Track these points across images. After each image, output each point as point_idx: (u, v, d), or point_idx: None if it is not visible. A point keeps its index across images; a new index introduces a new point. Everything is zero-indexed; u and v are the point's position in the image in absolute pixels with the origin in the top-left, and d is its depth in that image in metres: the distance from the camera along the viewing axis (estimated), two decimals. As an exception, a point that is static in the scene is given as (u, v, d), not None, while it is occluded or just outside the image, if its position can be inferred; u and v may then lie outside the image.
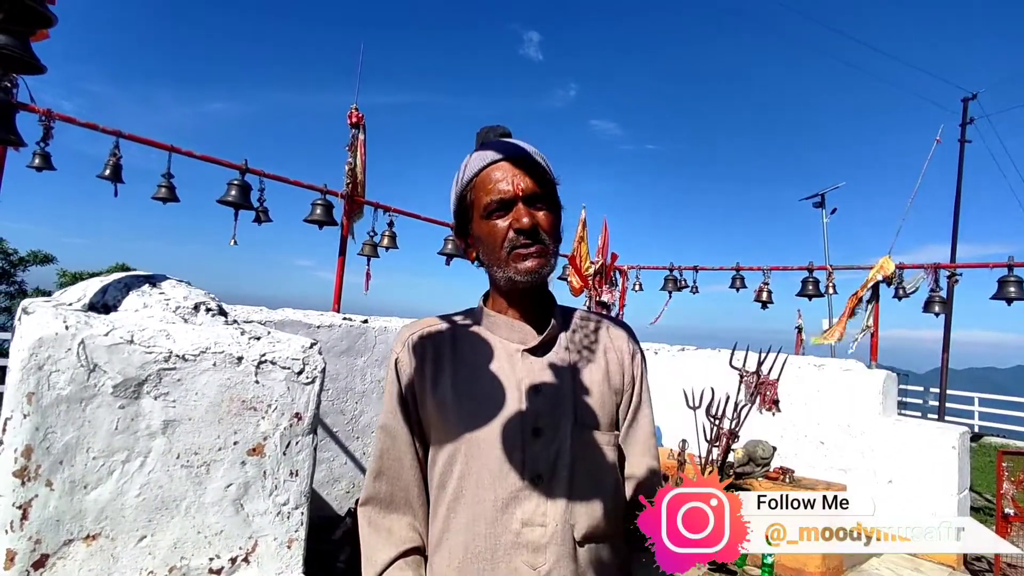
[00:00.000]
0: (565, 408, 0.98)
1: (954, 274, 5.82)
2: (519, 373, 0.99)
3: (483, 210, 0.99)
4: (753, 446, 4.57)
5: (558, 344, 1.04)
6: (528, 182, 0.97)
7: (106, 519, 1.43)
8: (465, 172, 1.02)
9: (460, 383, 1.00)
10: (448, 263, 6.60)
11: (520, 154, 1.00)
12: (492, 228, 0.98)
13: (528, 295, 1.03)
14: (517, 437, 0.96)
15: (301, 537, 1.69)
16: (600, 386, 1.03)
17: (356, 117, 5.29)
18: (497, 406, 0.97)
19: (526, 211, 0.96)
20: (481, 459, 0.96)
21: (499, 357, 1.01)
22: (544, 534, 0.92)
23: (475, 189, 1.00)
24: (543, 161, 1.02)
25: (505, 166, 0.98)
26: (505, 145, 1.01)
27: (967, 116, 13.31)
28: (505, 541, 0.93)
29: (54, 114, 4.09)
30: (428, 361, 1.03)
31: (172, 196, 4.80)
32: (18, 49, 1.99)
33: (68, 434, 1.38)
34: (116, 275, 1.78)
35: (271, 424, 1.63)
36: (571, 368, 1.02)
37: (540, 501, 0.94)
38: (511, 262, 0.97)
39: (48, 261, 13.35)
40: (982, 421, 13.11)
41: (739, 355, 4.63)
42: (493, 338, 1.03)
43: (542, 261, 0.98)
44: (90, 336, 1.41)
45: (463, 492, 0.96)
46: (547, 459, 0.95)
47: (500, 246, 0.97)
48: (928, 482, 4.75)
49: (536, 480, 0.94)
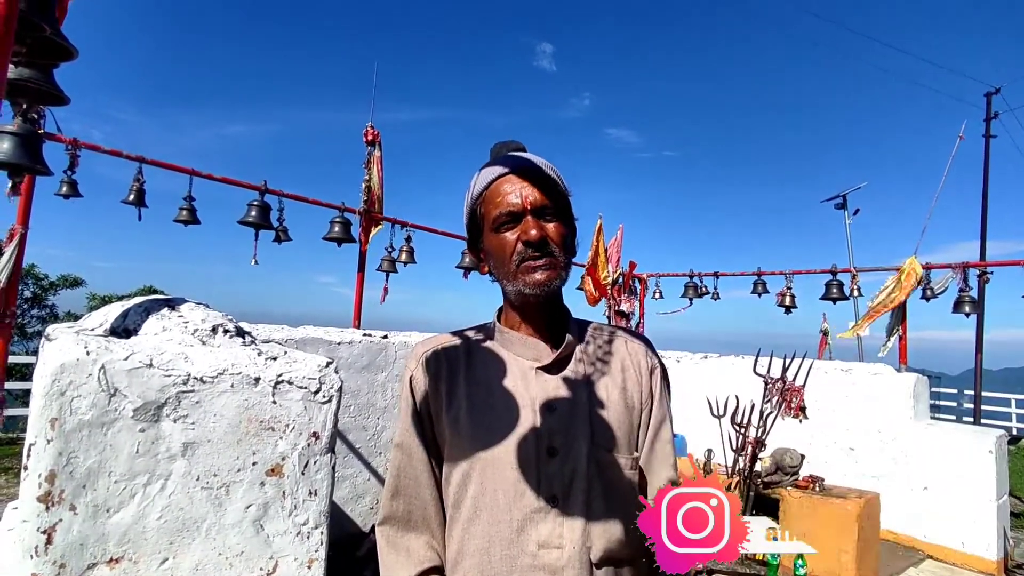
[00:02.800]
0: (581, 427, 0.96)
1: (984, 272, 5.68)
2: (533, 391, 0.98)
3: (493, 223, 0.98)
4: (781, 454, 4.47)
5: (573, 360, 1.02)
6: (537, 194, 0.96)
7: (128, 542, 1.44)
8: (475, 186, 1.02)
9: (474, 401, 0.99)
10: (466, 276, 6.63)
11: (529, 167, 0.99)
12: (502, 241, 0.97)
13: (541, 309, 1.02)
14: (532, 457, 0.94)
15: (321, 557, 1.69)
16: (617, 404, 1.00)
17: (372, 135, 5.36)
18: (511, 425, 0.96)
19: (535, 223, 0.95)
20: (495, 479, 0.94)
21: (512, 375, 1.00)
22: (561, 556, 0.90)
23: (485, 203, 1.00)
24: (554, 173, 1.01)
25: (513, 179, 0.98)
26: (514, 159, 1.01)
27: (991, 111, 13.04)
28: (522, 563, 0.91)
29: (80, 143, 4.21)
30: (442, 378, 1.02)
31: (193, 219, 4.90)
32: (42, 82, 2.05)
33: (91, 458, 1.40)
34: (137, 299, 1.81)
35: (289, 444, 1.64)
36: (587, 385, 1.00)
37: (556, 523, 0.92)
38: (520, 275, 0.96)
39: (78, 285, 13.70)
40: (1020, 423, 12.70)
41: (763, 361, 4.55)
42: (507, 355, 1.02)
43: (552, 273, 0.96)
44: (110, 361, 1.43)
45: (478, 513, 0.94)
46: (563, 480, 0.94)
47: (509, 259, 0.97)
48: (965, 488, 4.59)
49: (552, 501, 0.93)
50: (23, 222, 3.70)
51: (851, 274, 6.29)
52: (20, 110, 3.28)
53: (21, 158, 3.20)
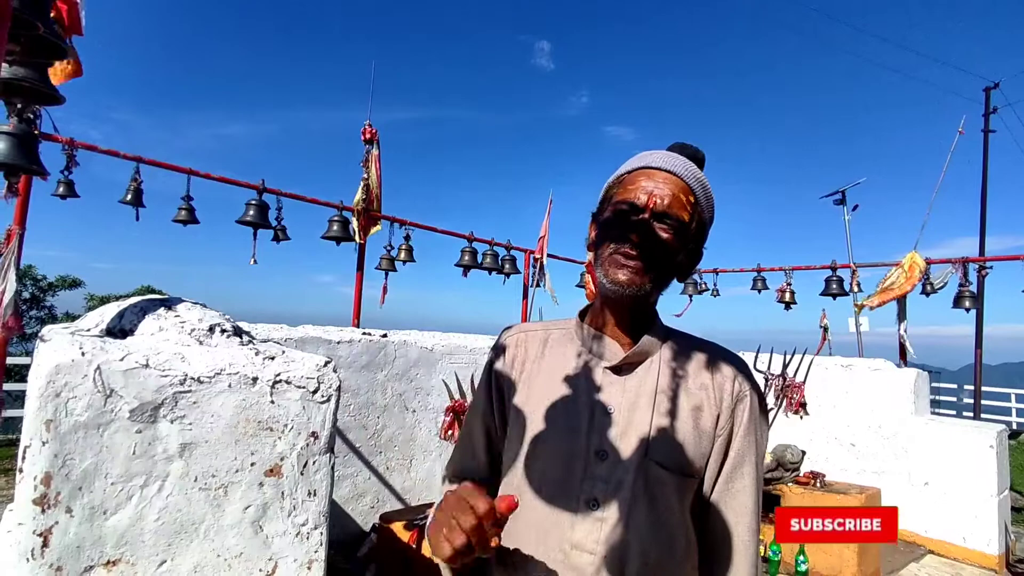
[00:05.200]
0: (636, 436, 0.91)
1: (984, 267, 5.67)
2: (595, 390, 0.95)
3: (614, 207, 0.96)
4: (782, 450, 4.47)
5: (648, 366, 0.97)
6: (668, 200, 0.92)
7: (126, 544, 1.43)
8: (623, 166, 1.01)
9: (538, 391, 0.99)
10: (465, 275, 6.60)
11: (678, 173, 0.95)
12: (610, 226, 0.95)
13: (624, 308, 0.98)
14: (580, 455, 0.92)
15: (321, 557, 1.68)
16: (686, 421, 0.93)
17: (370, 133, 5.34)
18: (566, 420, 0.94)
19: (647, 223, 0.92)
20: (542, 470, 0.93)
21: (580, 370, 0.98)
22: (592, 562, 0.87)
23: (619, 184, 0.98)
24: (701, 192, 0.96)
25: (656, 176, 0.94)
26: (669, 158, 0.97)
27: (990, 105, 13.02)
28: (553, 559, 0.89)
29: (76, 143, 4.19)
30: (517, 363, 1.03)
31: (192, 218, 4.88)
32: (36, 81, 2.03)
33: (86, 460, 1.38)
34: (133, 299, 1.80)
35: (287, 444, 1.63)
36: (656, 395, 0.94)
37: (593, 527, 0.88)
38: (606, 265, 0.94)
39: (76, 286, 13.67)
40: (1020, 418, 12.71)
41: (763, 358, 4.54)
42: (581, 350, 1.00)
43: (634, 279, 0.91)
44: (106, 361, 1.42)
45: (522, 499, 0.92)
46: (607, 485, 0.90)
47: (606, 245, 0.95)
48: (966, 483, 4.59)
49: (591, 504, 0.89)
50: (20, 223, 3.68)
51: (851, 270, 6.28)
52: (15, 110, 3.26)
53: (17, 158, 3.18)
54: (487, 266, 6.57)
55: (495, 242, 6.65)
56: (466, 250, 6.40)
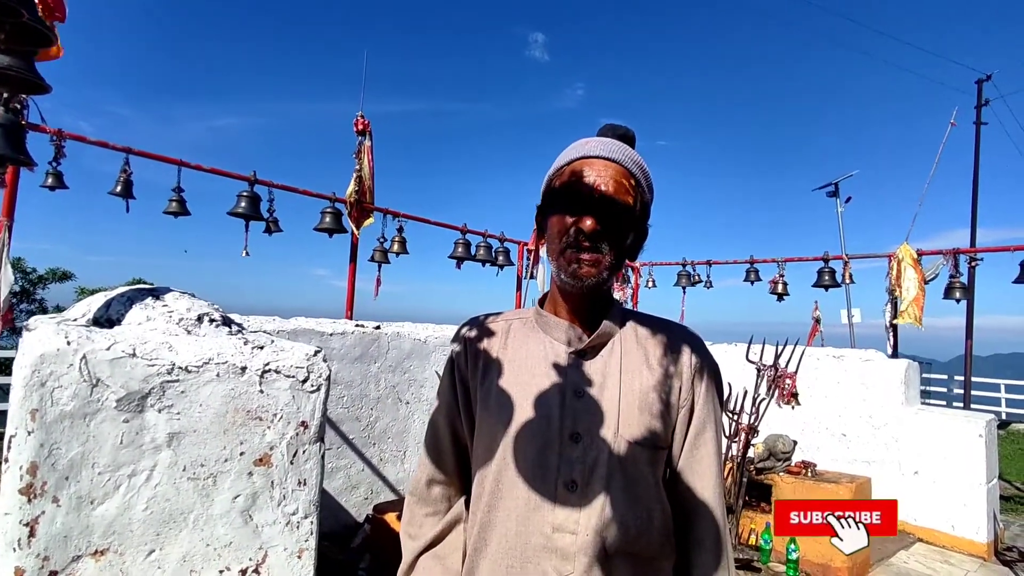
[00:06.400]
0: (608, 415, 0.94)
1: (974, 258, 5.69)
2: (563, 375, 0.97)
3: (560, 200, 0.97)
4: (773, 440, 4.50)
5: (611, 348, 1.00)
6: (611, 187, 0.94)
7: (114, 534, 1.42)
8: (561, 157, 1.01)
9: (505, 379, 0.99)
10: (459, 267, 6.59)
11: (615, 159, 0.96)
12: (561, 219, 0.96)
13: (583, 297, 1.00)
14: (554, 440, 0.94)
15: (312, 547, 1.68)
16: (648, 397, 0.96)
17: (362, 124, 5.30)
18: (537, 407, 0.96)
19: (595, 214, 0.93)
20: (517, 458, 0.94)
21: (546, 357, 0.99)
22: (574, 542, 0.90)
23: (561, 177, 0.99)
24: (640, 173, 0.98)
25: (597, 164, 0.95)
26: (607, 145, 0.98)
27: (982, 98, 13.05)
28: (535, 543, 0.91)
29: (64, 133, 4.14)
30: (480, 354, 1.03)
31: (183, 210, 4.84)
32: (22, 69, 2.00)
33: (73, 450, 1.38)
34: (121, 289, 1.78)
35: (277, 434, 1.62)
36: (620, 374, 0.97)
37: (573, 508, 0.91)
38: (563, 260, 0.95)
39: (67, 278, 13.55)
40: (1009, 408, 12.82)
41: (756, 348, 4.56)
42: (544, 338, 1.02)
43: (592, 271, 0.94)
44: (92, 351, 1.41)
45: (500, 487, 0.95)
46: (584, 466, 0.93)
47: (560, 239, 0.95)
48: (955, 472, 4.63)
49: (570, 486, 0.92)
50: (8, 214, 3.65)
51: (843, 261, 6.30)
52: (1, 100, 3.22)
53: (3, 148, 3.14)
54: (481, 258, 6.56)
55: (488, 234, 6.64)
56: (459, 242, 6.39)
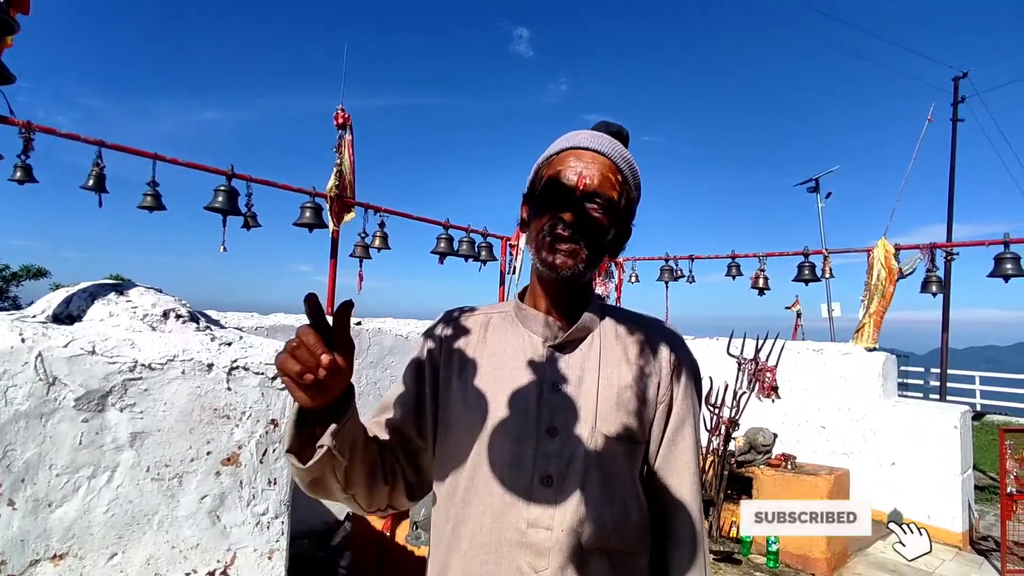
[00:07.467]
0: (585, 410, 0.93)
1: (950, 253, 5.77)
2: (540, 369, 0.96)
3: (544, 189, 0.96)
4: (754, 434, 4.53)
5: (590, 342, 0.99)
6: (596, 180, 0.93)
7: (73, 537, 1.38)
8: (550, 147, 1.00)
9: (482, 373, 0.97)
10: (441, 262, 6.54)
11: (605, 152, 0.95)
12: (543, 208, 0.95)
13: (561, 289, 0.99)
14: (531, 434, 0.92)
15: (283, 547, 1.64)
16: (627, 392, 0.96)
17: (343, 118, 5.23)
18: (514, 400, 0.94)
19: (578, 205, 0.92)
20: (493, 452, 0.92)
21: (524, 350, 0.98)
22: (549, 538, 0.88)
23: (549, 166, 0.97)
24: (628, 170, 0.98)
25: (584, 156, 0.95)
26: (596, 138, 0.97)
27: (958, 95, 13.23)
28: (509, 538, 0.89)
29: (34, 125, 4.02)
30: (456, 347, 1.01)
31: (158, 204, 4.73)
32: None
33: (29, 451, 1.33)
34: (83, 284, 1.73)
35: (246, 432, 1.58)
36: (598, 369, 0.96)
37: (548, 503, 0.89)
38: (541, 249, 0.94)
39: (42, 275, 13.26)
40: (984, 400, 13.06)
41: (736, 343, 4.58)
42: (522, 331, 1.00)
43: (569, 261, 0.92)
44: (48, 348, 1.35)
45: (475, 482, 0.93)
46: (560, 461, 0.91)
47: (540, 228, 0.94)
48: (931, 463, 4.71)
49: (546, 481, 0.90)
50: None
51: (823, 256, 6.36)
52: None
53: (-35, 140, 3.04)
54: (464, 253, 6.52)
55: (471, 229, 6.60)
56: (442, 237, 6.34)
